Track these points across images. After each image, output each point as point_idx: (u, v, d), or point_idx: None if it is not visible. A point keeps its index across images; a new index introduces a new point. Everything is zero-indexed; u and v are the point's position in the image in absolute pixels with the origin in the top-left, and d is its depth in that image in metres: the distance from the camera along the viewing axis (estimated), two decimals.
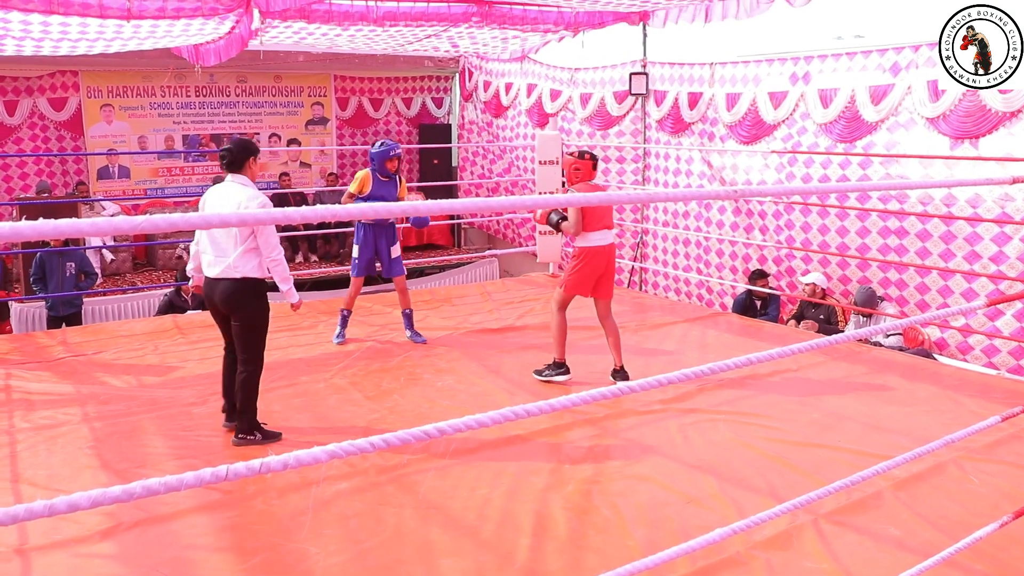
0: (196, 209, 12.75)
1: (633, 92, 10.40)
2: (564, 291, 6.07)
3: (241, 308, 4.78)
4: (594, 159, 6.02)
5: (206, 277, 4.86)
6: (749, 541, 3.67)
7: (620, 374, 6.01)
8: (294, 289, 4.95)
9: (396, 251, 7.09)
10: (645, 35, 10.21)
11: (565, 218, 5.91)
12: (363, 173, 6.92)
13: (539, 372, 6.13)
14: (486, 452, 4.73)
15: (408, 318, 7.18)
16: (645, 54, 10.32)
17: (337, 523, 3.92)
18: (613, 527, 3.88)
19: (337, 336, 7.08)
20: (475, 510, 4.05)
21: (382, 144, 6.93)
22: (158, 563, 3.56)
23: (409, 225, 7.84)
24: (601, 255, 5.94)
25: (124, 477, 4.40)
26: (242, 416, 4.85)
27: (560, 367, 6.08)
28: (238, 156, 4.79)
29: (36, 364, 6.42)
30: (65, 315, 9.02)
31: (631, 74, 10.35)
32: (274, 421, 5.18)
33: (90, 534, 3.78)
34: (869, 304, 7.72)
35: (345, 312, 7.12)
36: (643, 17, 9.78)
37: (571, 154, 6.08)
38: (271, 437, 4.90)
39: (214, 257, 4.76)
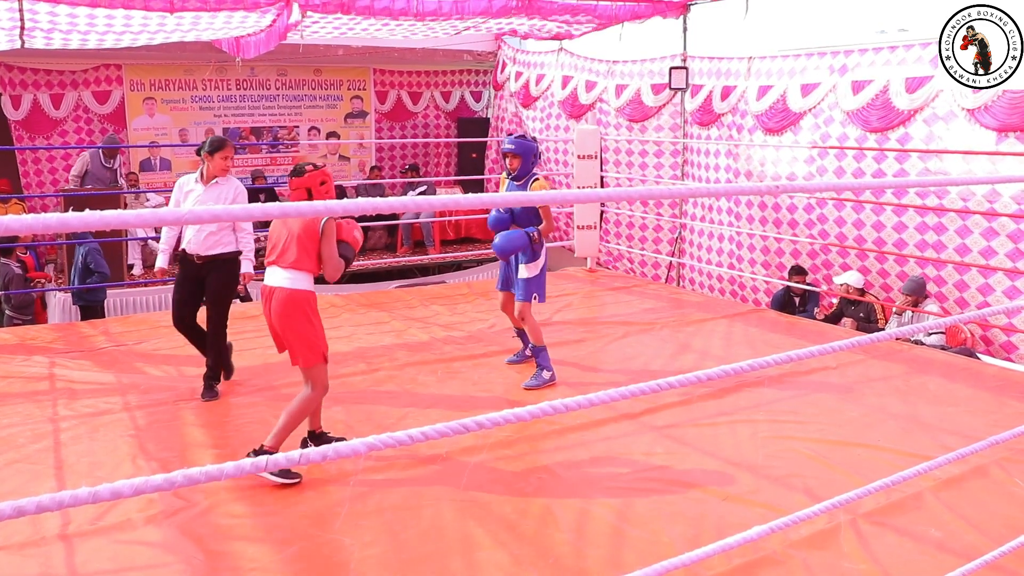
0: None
1: (673, 86, 10.34)
2: None
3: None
4: (292, 175, 4.53)
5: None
6: (786, 540, 3.63)
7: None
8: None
9: (527, 270, 5.81)
10: (685, 29, 10.14)
11: None
12: (504, 174, 6.04)
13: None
14: (523, 446, 4.73)
15: (536, 354, 5.90)
16: (685, 48, 10.25)
17: (374, 515, 3.94)
18: (649, 523, 3.86)
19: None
20: (512, 504, 4.06)
21: (508, 137, 5.95)
22: (197, 551, 3.60)
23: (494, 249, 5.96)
24: (262, 299, 4.53)
25: (164, 466, 4.46)
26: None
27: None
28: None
29: (79, 353, 6.53)
30: (79, 306, 9.11)
31: (671, 68, 10.29)
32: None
33: (131, 521, 3.84)
34: (921, 293, 7.61)
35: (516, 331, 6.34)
36: (682, 9, 9.71)
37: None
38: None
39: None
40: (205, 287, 5.55)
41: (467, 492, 4.17)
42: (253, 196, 12.43)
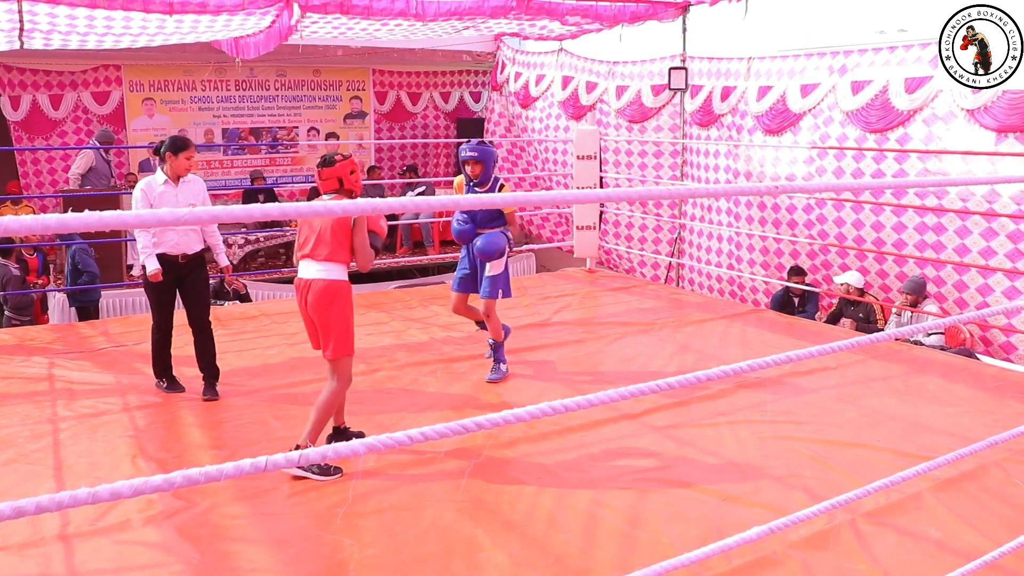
0: (238, 201, 12.93)
1: (672, 87, 10.33)
2: None
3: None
4: (322, 166, 4.56)
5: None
6: (786, 540, 3.63)
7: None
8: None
9: (493, 269, 5.92)
10: (685, 29, 10.14)
11: None
12: (458, 179, 6.10)
13: None
14: (523, 447, 4.73)
15: (495, 350, 6.06)
16: (685, 48, 10.25)
17: (374, 515, 3.94)
18: (649, 524, 3.86)
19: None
20: (511, 505, 4.06)
21: (467, 144, 5.91)
22: (196, 551, 3.60)
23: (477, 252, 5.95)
24: (296, 291, 4.59)
25: (164, 466, 4.46)
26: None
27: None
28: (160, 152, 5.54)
29: (78, 354, 6.52)
30: (75, 307, 9.11)
31: (670, 69, 10.28)
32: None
33: (130, 522, 3.84)
34: (920, 293, 7.61)
35: (477, 324, 6.33)
36: (680, 9, 9.71)
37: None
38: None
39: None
40: (184, 288, 5.62)
41: (467, 493, 4.17)
42: (252, 196, 12.44)
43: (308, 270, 4.46)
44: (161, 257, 5.49)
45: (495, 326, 6.01)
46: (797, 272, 8.77)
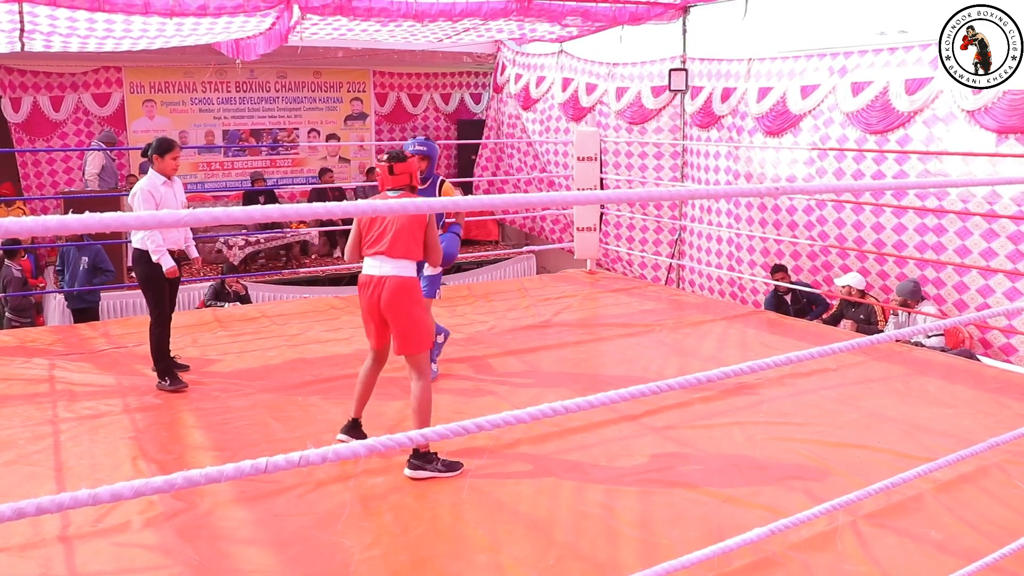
0: (239, 203, 12.93)
1: (672, 88, 10.34)
2: None
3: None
4: (394, 160, 4.52)
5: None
6: (786, 542, 3.63)
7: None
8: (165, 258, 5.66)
9: (433, 268, 5.69)
10: (685, 31, 10.15)
11: None
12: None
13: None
14: (522, 448, 4.73)
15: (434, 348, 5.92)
16: (685, 50, 10.25)
17: (374, 516, 3.94)
18: (650, 525, 3.86)
19: None
20: (511, 506, 4.06)
21: (413, 140, 5.84)
22: (197, 553, 3.60)
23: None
24: (366, 288, 4.47)
25: (164, 468, 4.46)
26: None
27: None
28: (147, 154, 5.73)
29: (78, 355, 6.53)
30: (77, 308, 9.12)
31: (671, 70, 10.28)
32: (313, 414, 5.23)
33: (131, 523, 3.84)
34: (913, 297, 7.61)
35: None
36: (680, 10, 9.71)
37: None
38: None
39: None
40: (171, 282, 5.86)
41: (468, 494, 4.17)
42: (253, 198, 12.44)
43: (380, 267, 4.40)
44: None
45: (432, 325, 5.87)
46: (778, 269, 8.81)
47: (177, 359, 6.04)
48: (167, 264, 5.64)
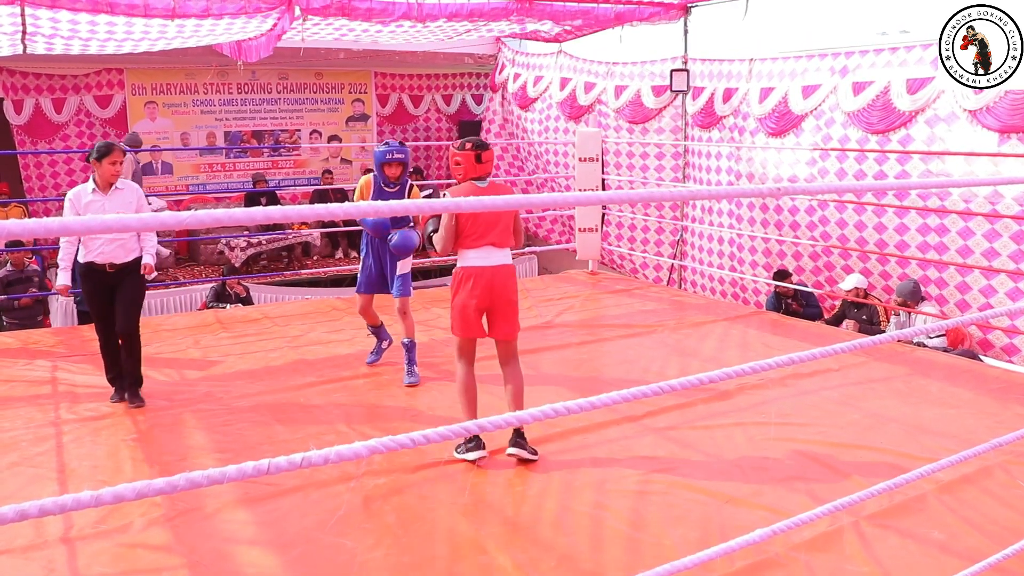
0: (241, 204, 12.93)
1: (674, 89, 10.34)
2: (455, 335, 4.73)
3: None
4: (480, 148, 4.59)
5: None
6: (789, 542, 3.63)
7: (518, 437, 4.62)
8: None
9: (404, 267, 5.96)
10: (686, 31, 10.15)
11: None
12: (364, 179, 5.90)
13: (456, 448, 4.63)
14: None
15: (408, 350, 5.96)
16: (686, 50, 10.25)
17: (376, 518, 3.94)
18: (652, 526, 3.86)
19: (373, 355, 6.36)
20: (513, 507, 4.06)
21: (385, 144, 5.83)
22: (199, 554, 3.60)
23: (393, 248, 5.79)
24: (481, 279, 4.55)
25: (166, 470, 4.45)
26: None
27: (471, 440, 4.56)
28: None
29: (81, 357, 6.53)
30: (84, 311, 9.11)
31: (672, 71, 10.28)
32: (315, 416, 5.23)
33: (133, 525, 3.84)
34: (913, 298, 7.60)
35: (371, 329, 6.38)
36: (681, 9, 9.71)
37: (454, 145, 4.75)
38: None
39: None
40: (116, 295, 5.38)
41: (470, 495, 4.17)
42: (255, 199, 12.45)
43: (495, 257, 4.59)
44: (89, 266, 5.31)
45: (411, 324, 5.99)
46: (783, 275, 8.79)
47: (122, 390, 5.53)
48: (59, 281, 5.40)
